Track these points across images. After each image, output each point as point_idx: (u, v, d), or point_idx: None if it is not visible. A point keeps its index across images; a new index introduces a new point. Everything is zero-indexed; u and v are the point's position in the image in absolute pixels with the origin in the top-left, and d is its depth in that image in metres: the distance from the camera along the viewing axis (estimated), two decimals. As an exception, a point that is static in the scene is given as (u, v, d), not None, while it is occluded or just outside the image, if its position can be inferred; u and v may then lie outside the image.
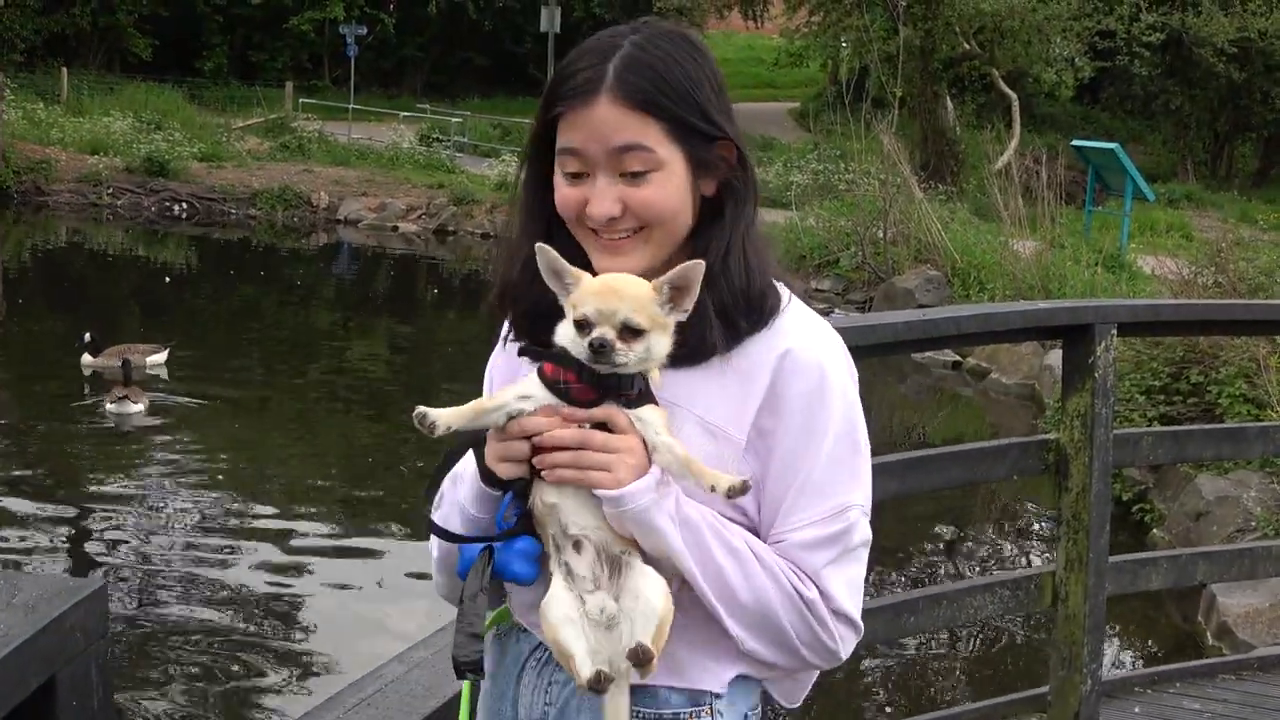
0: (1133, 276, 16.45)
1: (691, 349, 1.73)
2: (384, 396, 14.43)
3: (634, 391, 1.67)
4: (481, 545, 1.74)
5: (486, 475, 1.72)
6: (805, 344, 1.79)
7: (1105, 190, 22.47)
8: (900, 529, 9.67)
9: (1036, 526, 10.49)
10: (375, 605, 8.55)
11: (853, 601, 1.77)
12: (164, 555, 9.31)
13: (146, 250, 23.44)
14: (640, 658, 1.63)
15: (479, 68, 43.91)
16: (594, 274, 1.73)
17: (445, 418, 1.70)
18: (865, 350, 3.34)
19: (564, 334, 1.68)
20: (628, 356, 1.64)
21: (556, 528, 1.70)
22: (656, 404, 1.69)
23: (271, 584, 8.78)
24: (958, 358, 15.81)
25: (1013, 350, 14.92)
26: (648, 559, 1.70)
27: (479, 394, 1.87)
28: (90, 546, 9.32)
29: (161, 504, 10.25)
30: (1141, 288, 15.35)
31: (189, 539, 9.54)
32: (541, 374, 1.69)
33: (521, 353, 1.78)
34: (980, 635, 8.06)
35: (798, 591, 1.72)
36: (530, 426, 1.67)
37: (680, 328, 1.71)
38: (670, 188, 1.73)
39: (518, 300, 1.84)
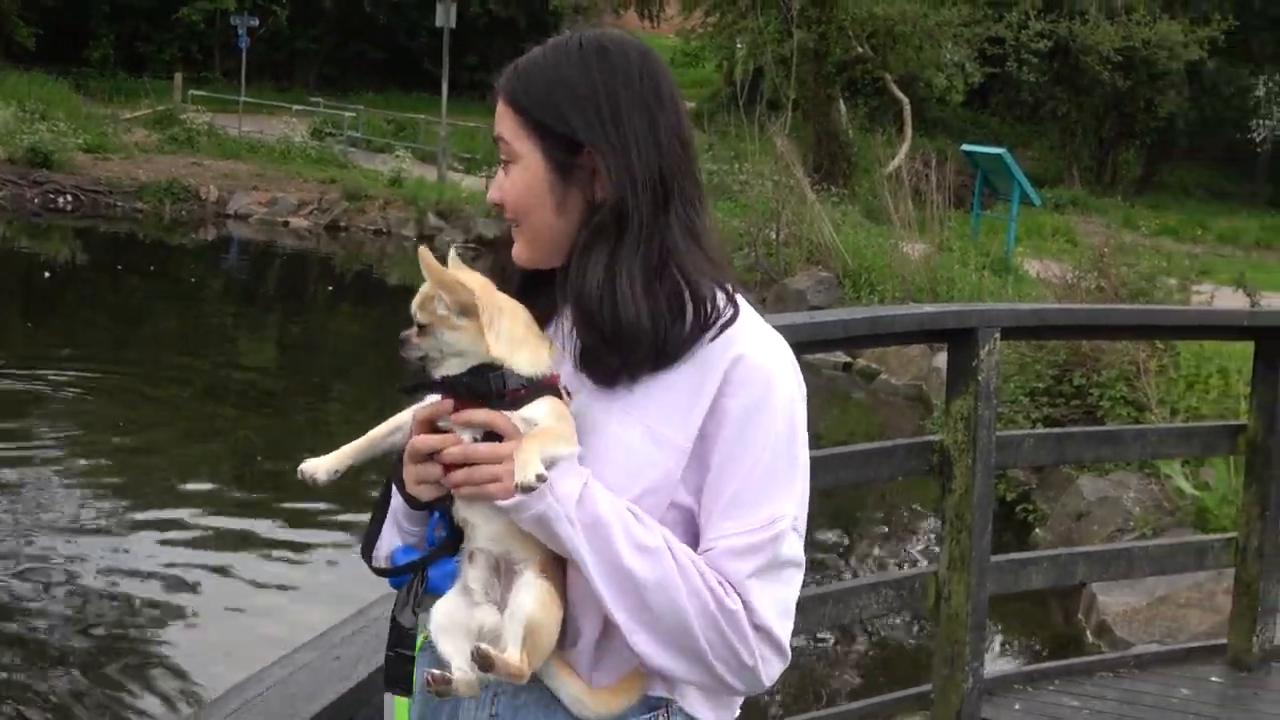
0: (1019, 280, 16.67)
1: (598, 371, 1.74)
2: (273, 395, 14.27)
3: (510, 390, 1.65)
4: (406, 561, 1.75)
5: (409, 498, 1.72)
6: (756, 353, 1.76)
7: (993, 194, 22.80)
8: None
9: (925, 526, 10.60)
10: (257, 608, 8.40)
11: (780, 622, 1.71)
12: (33, 554, 9.05)
13: (29, 243, 22.96)
14: (481, 661, 1.61)
15: (373, 61, 43.67)
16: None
17: (325, 464, 1.73)
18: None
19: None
20: (418, 349, 1.67)
21: (469, 536, 1.71)
22: (559, 395, 1.68)
23: (149, 585, 8.58)
24: (848, 359, 15.94)
25: (902, 352, 15.08)
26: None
27: (370, 392, 1.87)
28: None
29: (34, 500, 10.01)
30: (1027, 291, 15.54)
31: (63, 537, 9.31)
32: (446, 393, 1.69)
33: (403, 390, 1.78)
34: (867, 634, 8.12)
35: (718, 600, 1.67)
36: (422, 447, 1.67)
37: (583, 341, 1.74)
38: (523, 181, 1.75)
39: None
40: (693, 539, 1.73)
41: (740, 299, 1.80)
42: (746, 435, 1.73)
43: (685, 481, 1.73)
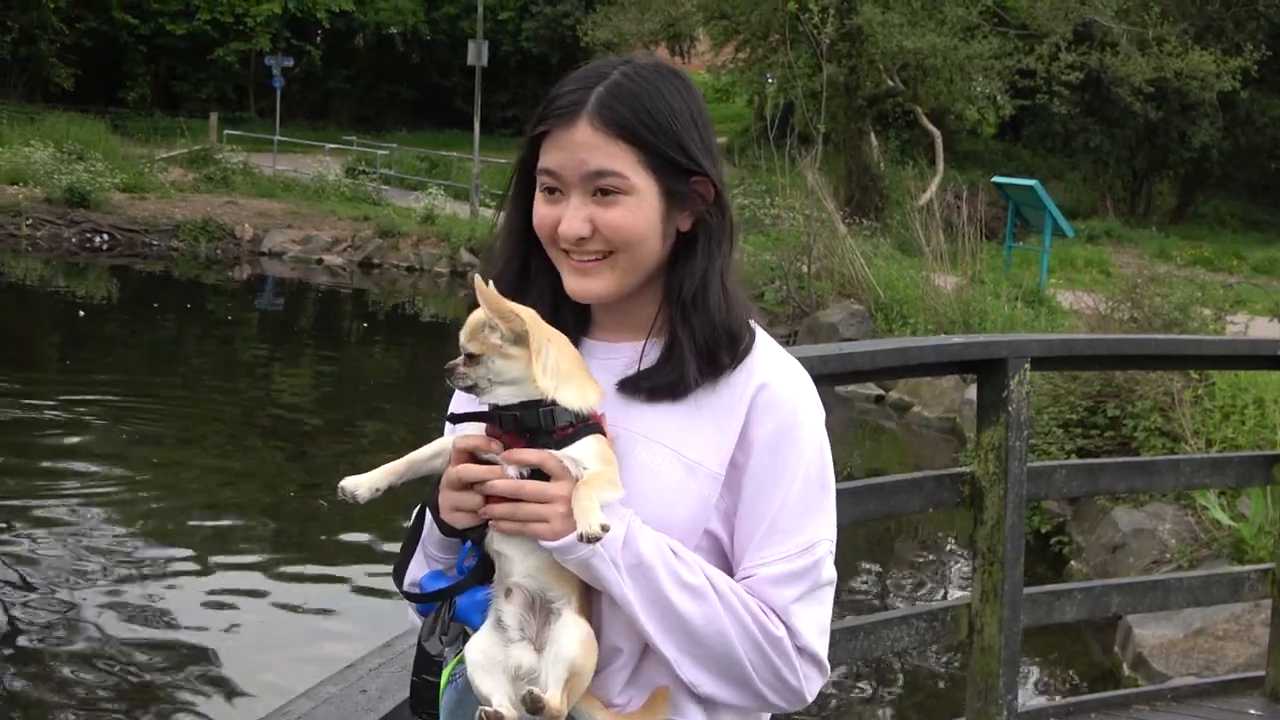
0: (1051, 311, 16.62)
1: (670, 385, 1.74)
2: (307, 431, 14.30)
3: (559, 428, 1.65)
4: (435, 588, 1.75)
5: (443, 525, 1.71)
6: (779, 381, 1.79)
7: (1025, 226, 22.75)
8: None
9: (956, 558, 10.54)
10: (289, 638, 8.41)
11: (820, 641, 1.75)
12: (74, 582, 9.07)
13: (66, 282, 23.15)
14: (531, 704, 1.61)
15: (406, 101, 43.96)
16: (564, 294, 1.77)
17: (366, 482, 1.70)
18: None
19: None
20: (467, 378, 1.66)
21: (498, 573, 1.70)
22: (604, 433, 1.68)
23: (185, 616, 8.60)
24: (880, 392, 15.91)
25: (935, 384, 15.03)
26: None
27: (404, 426, 1.88)
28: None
29: (75, 530, 10.06)
30: (1060, 322, 15.51)
31: (103, 567, 9.36)
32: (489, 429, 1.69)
33: (451, 420, 1.78)
34: (900, 667, 8.07)
35: (762, 628, 1.70)
36: (467, 476, 1.66)
37: (658, 364, 1.75)
38: (640, 214, 1.73)
39: None
40: (722, 565, 1.74)
41: (755, 325, 1.82)
42: (779, 464, 1.76)
43: (716, 509, 1.74)
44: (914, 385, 15.50)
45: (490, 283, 1.69)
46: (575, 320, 1.83)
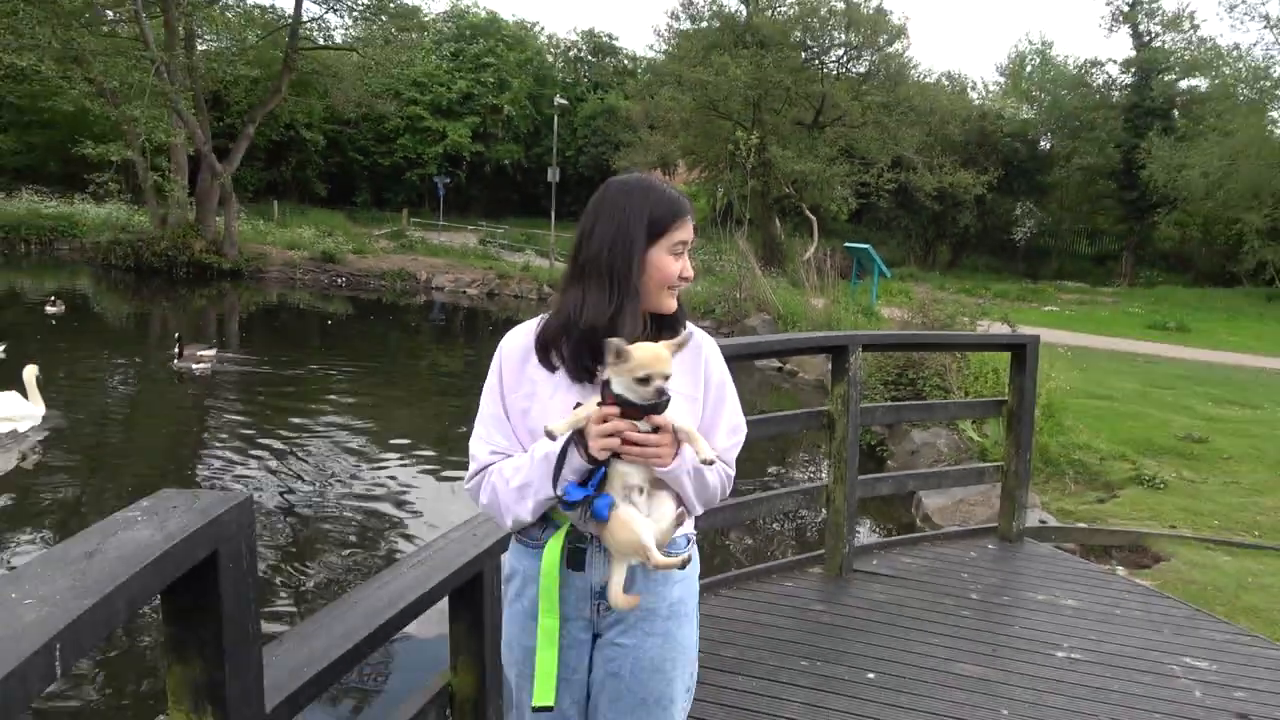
0: (878, 319, 16.55)
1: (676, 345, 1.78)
2: (456, 387, 14.30)
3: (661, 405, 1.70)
4: (580, 495, 1.70)
5: (590, 458, 1.69)
6: (709, 341, 1.88)
7: (863, 271, 22.65)
8: (747, 464, 9.67)
9: (819, 460, 10.49)
10: (445, 511, 8.39)
11: (733, 469, 1.88)
12: (328, 472, 9.08)
13: (320, 305, 23.12)
14: (680, 521, 1.78)
15: (513, 201, 43.86)
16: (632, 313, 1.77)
17: (560, 427, 1.70)
18: (735, 359, 3.32)
19: (622, 385, 1.66)
20: (668, 394, 1.69)
21: (621, 480, 1.71)
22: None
23: (390, 494, 8.61)
24: (780, 364, 15.83)
25: (812, 360, 14.97)
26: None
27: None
28: (253, 471, 8.92)
29: (324, 453, 10.07)
30: (882, 324, 15.43)
31: (344, 467, 9.36)
32: (606, 402, 1.68)
33: (617, 401, 1.70)
34: (788, 522, 8.04)
35: (726, 474, 1.82)
36: (620, 427, 1.66)
37: (671, 330, 1.82)
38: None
39: (595, 336, 1.73)
40: None
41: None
42: (721, 386, 1.87)
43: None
44: (800, 361, 15.42)
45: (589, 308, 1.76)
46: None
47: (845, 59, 31.88)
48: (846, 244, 24.44)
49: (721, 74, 27.77)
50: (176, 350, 13.25)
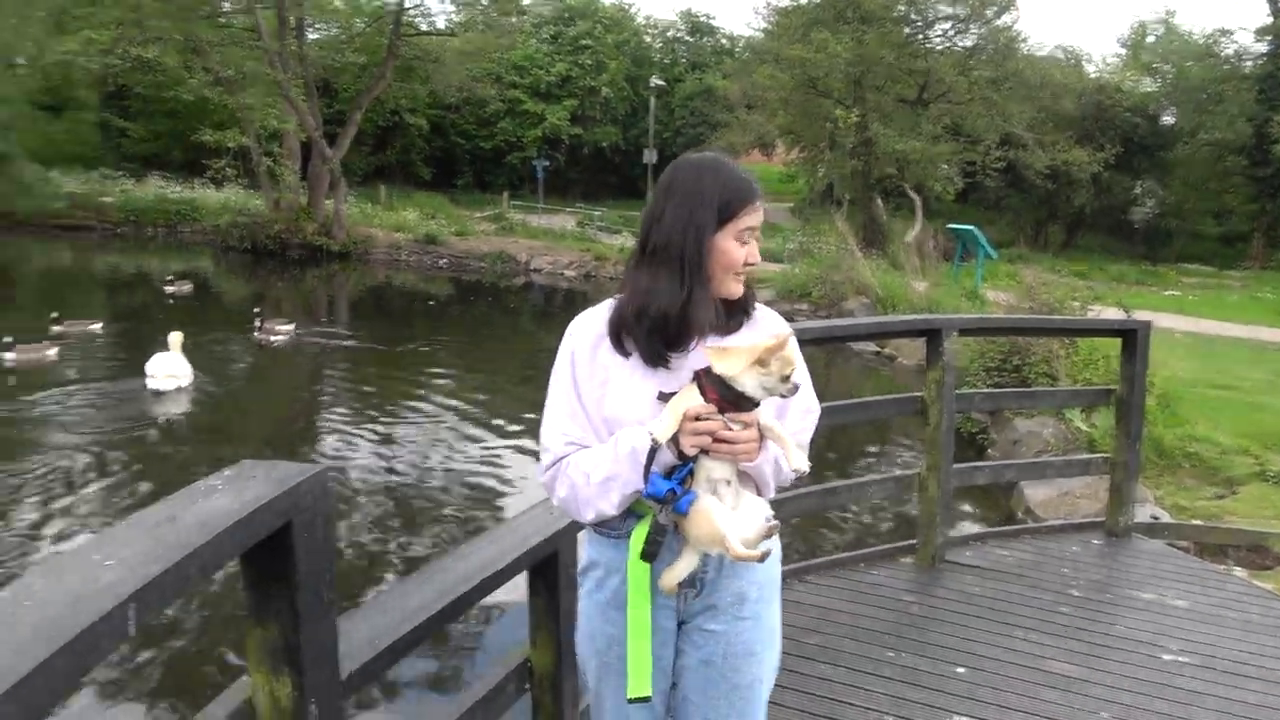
0: (982, 303, 16.00)
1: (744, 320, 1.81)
2: (551, 368, 14.49)
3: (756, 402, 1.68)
4: (666, 489, 1.67)
5: (678, 453, 1.67)
6: (780, 321, 1.84)
7: (968, 253, 21.91)
8: (837, 448, 9.49)
9: (908, 447, 10.21)
10: (532, 483, 8.49)
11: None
12: (430, 443, 9.27)
13: (424, 285, 23.71)
14: (771, 531, 1.74)
15: (611, 184, 43.96)
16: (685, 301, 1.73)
17: (664, 431, 1.66)
18: (824, 341, 3.25)
19: (755, 382, 1.64)
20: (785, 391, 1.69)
21: (706, 474, 1.69)
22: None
23: (489, 465, 8.78)
24: (879, 348, 15.48)
25: (911, 343, 14.60)
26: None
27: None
28: (349, 457, 9.01)
29: (427, 425, 10.32)
30: (987, 308, 14.92)
31: (441, 443, 9.57)
32: (705, 395, 1.66)
33: (717, 392, 1.67)
34: (879, 510, 7.86)
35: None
36: (714, 427, 1.63)
37: (740, 316, 1.82)
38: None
39: (677, 321, 1.71)
40: None
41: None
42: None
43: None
44: (899, 345, 15.04)
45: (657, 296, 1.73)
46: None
47: (951, 32, 30.75)
48: (950, 225, 23.70)
49: (822, 51, 27.16)
50: (258, 324, 14.20)
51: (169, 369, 10.59)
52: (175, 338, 10.92)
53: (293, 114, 24.76)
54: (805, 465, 1.69)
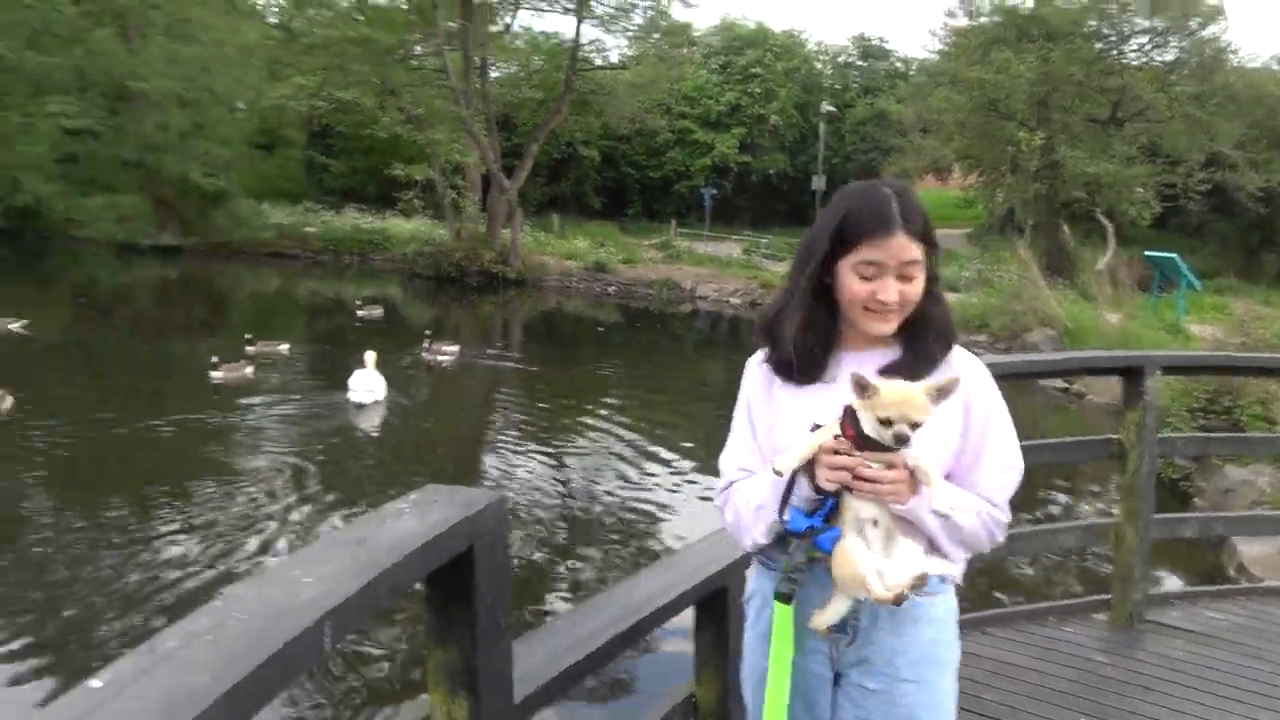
0: (1185, 338, 14.75)
1: (920, 371, 1.66)
2: (716, 396, 14.44)
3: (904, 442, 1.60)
4: (806, 525, 1.65)
5: (817, 488, 1.64)
6: (977, 367, 1.73)
7: (1168, 283, 20.31)
8: (1022, 491, 8.92)
9: (1103, 493, 9.46)
10: (701, 513, 8.44)
11: (1009, 515, 1.73)
12: (571, 478, 9.40)
13: (592, 311, 24.30)
14: (920, 583, 1.60)
15: (778, 211, 43.67)
16: (835, 333, 1.72)
17: (788, 463, 1.63)
18: (1008, 377, 3.07)
19: (868, 423, 1.58)
20: (910, 438, 1.57)
21: (854, 514, 1.63)
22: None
23: (652, 494, 8.84)
24: (1066, 384, 14.54)
25: (1102, 380, 13.65)
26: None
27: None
28: (520, 478, 9.21)
29: (572, 447, 10.48)
30: (1191, 344, 13.73)
31: (587, 467, 9.69)
32: (843, 429, 1.60)
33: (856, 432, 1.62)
34: (1069, 560, 7.31)
35: (993, 519, 1.69)
36: (847, 463, 1.58)
37: (907, 360, 1.70)
38: (922, 282, 1.67)
39: (786, 347, 1.73)
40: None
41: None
42: (988, 415, 1.70)
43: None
44: (1089, 381, 14.07)
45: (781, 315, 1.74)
46: (832, 340, 1.73)
47: (1149, 47, 28.79)
48: (1147, 252, 22.06)
49: (1003, 71, 26.07)
50: (427, 345, 15.09)
51: (368, 384, 11.60)
52: (370, 356, 11.88)
53: (475, 148, 26.11)
54: (945, 507, 1.57)
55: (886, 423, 1.55)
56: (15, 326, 15.52)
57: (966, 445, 1.69)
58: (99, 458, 9.23)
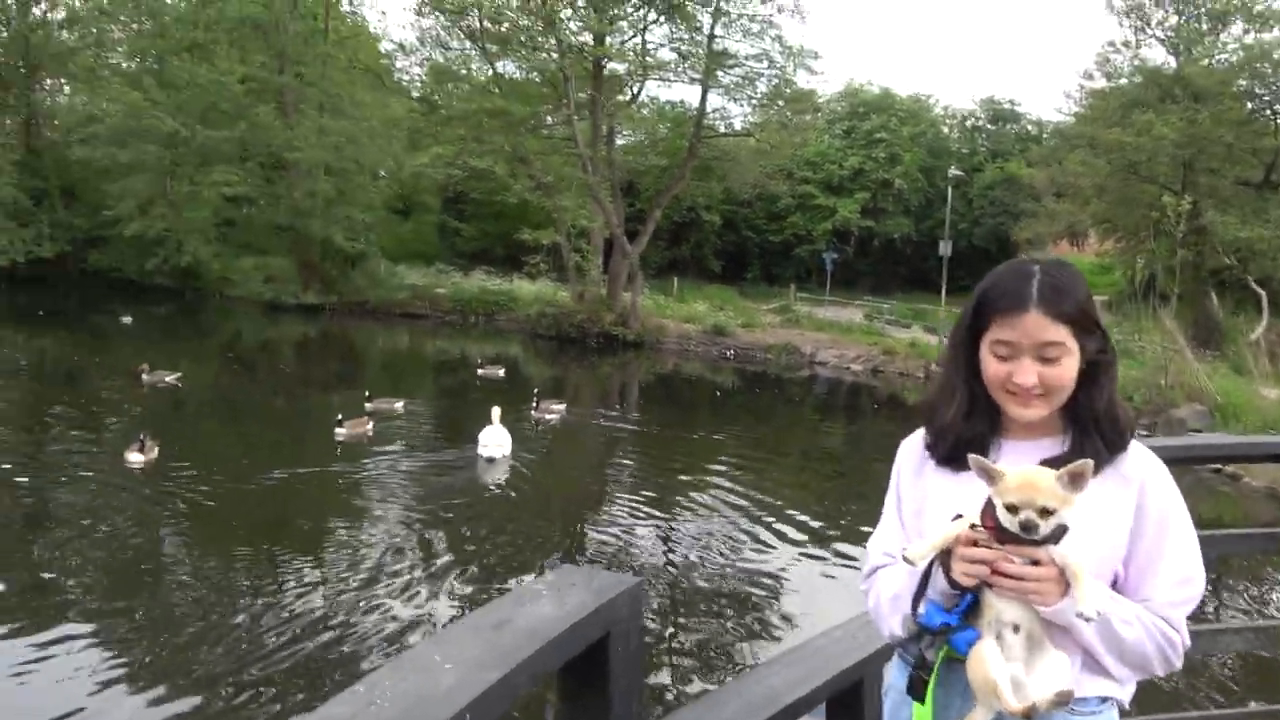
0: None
1: (1092, 457, 1.51)
2: (836, 466, 14.12)
3: (1052, 537, 1.46)
4: (940, 621, 1.54)
5: (953, 582, 1.54)
6: (1155, 467, 1.58)
7: (1336, 357, 18.77)
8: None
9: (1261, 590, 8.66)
10: (818, 589, 8.18)
11: (1186, 635, 1.55)
12: (687, 548, 9.21)
13: (710, 375, 24.27)
14: (1063, 699, 1.46)
15: (901, 276, 42.91)
16: (996, 419, 1.61)
17: (920, 552, 1.54)
18: (1177, 463, 2.86)
19: (1000, 511, 1.48)
20: (1046, 529, 1.44)
21: (994, 614, 1.51)
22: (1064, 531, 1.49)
23: (767, 562, 8.64)
24: (1217, 465, 13.52)
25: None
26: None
27: (888, 472, 1.76)
28: (638, 545, 9.12)
29: (689, 514, 10.35)
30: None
31: (704, 537, 9.53)
32: (983, 519, 1.50)
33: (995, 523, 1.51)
34: (1235, 662, 6.69)
35: (1164, 635, 1.52)
36: (985, 557, 1.48)
37: (1073, 453, 1.54)
38: (1071, 367, 1.54)
39: (948, 435, 1.65)
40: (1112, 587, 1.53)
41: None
42: (1164, 527, 1.54)
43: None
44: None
45: (945, 406, 1.63)
46: (991, 427, 1.63)
47: (1308, 106, 27.15)
48: (1310, 323, 20.49)
49: (1145, 134, 25.05)
50: (535, 403, 15.52)
51: (498, 439, 12.14)
52: (497, 412, 12.41)
53: (600, 213, 26.79)
54: (1093, 611, 1.41)
55: (1013, 509, 1.44)
56: (171, 379, 16.65)
57: (1137, 551, 1.53)
58: (235, 508, 9.70)
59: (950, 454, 1.64)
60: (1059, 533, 1.45)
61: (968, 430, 1.62)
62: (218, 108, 31.78)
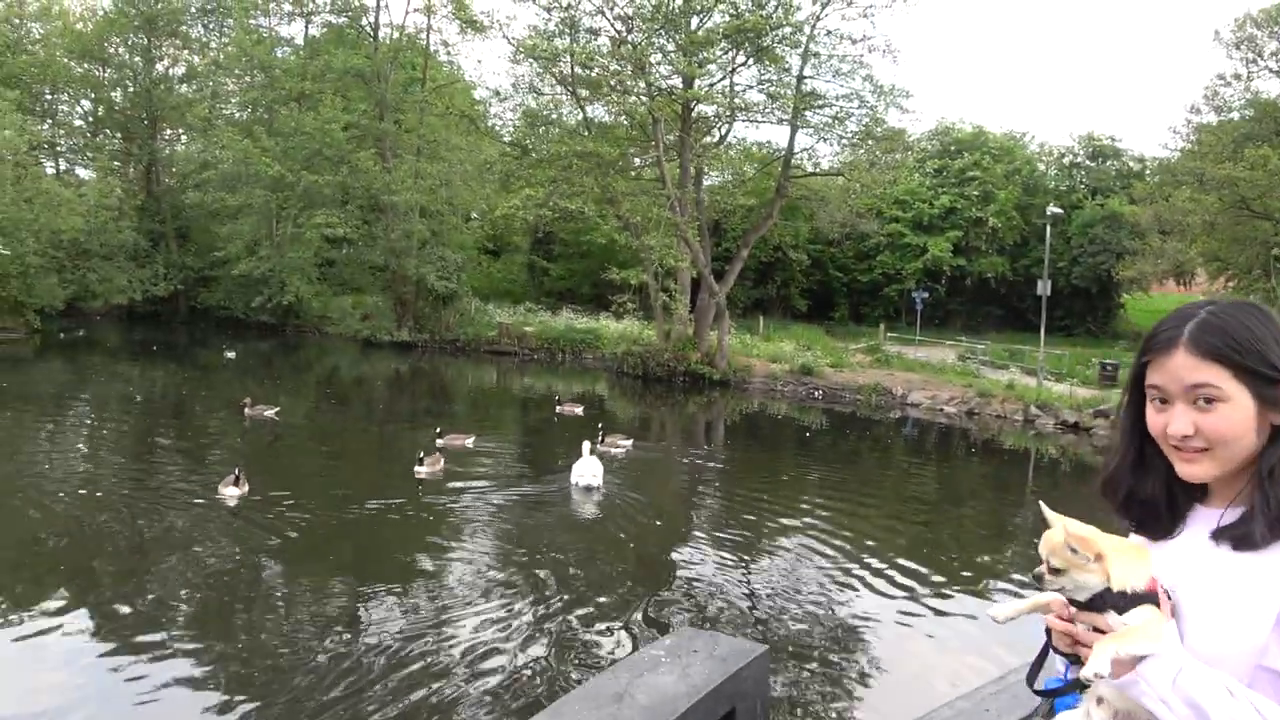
0: None
1: (1241, 536, 1.30)
2: (927, 512, 13.56)
3: (1114, 604, 1.31)
4: (1055, 684, 1.44)
5: (1054, 649, 1.42)
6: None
7: None
8: None
9: None
10: (927, 654, 7.75)
11: None
12: (772, 592, 8.92)
13: (798, 416, 23.84)
14: None
15: (996, 316, 41.70)
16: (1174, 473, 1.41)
17: (1005, 612, 1.47)
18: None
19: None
20: (1055, 584, 1.35)
21: (1094, 685, 1.38)
22: (1157, 601, 1.30)
23: (865, 613, 8.28)
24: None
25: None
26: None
27: (988, 521, 1.60)
28: (759, 609, 8.76)
29: (773, 556, 10.03)
30: None
31: (790, 582, 9.21)
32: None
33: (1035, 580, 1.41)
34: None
35: None
36: (1054, 626, 1.38)
37: (1238, 520, 1.32)
38: (1234, 417, 1.31)
39: (1117, 489, 1.47)
40: (1275, 696, 1.21)
41: None
42: None
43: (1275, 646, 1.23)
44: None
45: (1108, 477, 1.48)
46: (1189, 490, 1.40)
47: None
48: None
49: (1259, 168, 23.87)
50: (600, 438, 15.79)
51: (592, 470, 12.75)
52: (587, 445, 12.97)
53: (687, 253, 26.79)
54: (1089, 672, 1.26)
55: (1057, 572, 1.36)
56: (270, 414, 17.16)
57: (1256, 630, 1.25)
58: (326, 540, 9.83)
59: (1138, 522, 1.47)
60: (1119, 600, 1.31)
61: (1149, 492, 1.43)
62: (322, 154, 33.17)
